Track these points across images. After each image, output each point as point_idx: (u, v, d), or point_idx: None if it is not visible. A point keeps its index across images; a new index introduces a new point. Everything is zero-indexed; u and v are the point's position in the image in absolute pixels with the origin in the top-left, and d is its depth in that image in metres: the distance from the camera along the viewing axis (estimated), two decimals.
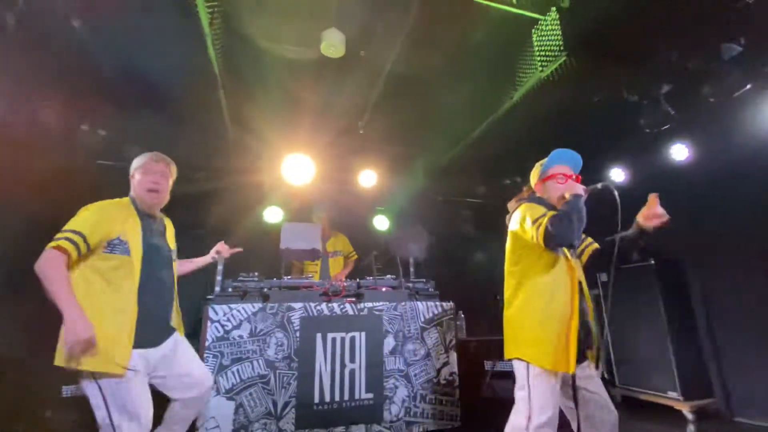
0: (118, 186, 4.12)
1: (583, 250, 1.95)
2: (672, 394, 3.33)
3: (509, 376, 5.36)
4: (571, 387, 1.70)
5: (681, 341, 3.46)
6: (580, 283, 1.72)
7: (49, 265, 1.58)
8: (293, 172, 4.23)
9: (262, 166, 4.52)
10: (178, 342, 1.91)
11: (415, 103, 3.64)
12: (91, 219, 1.71)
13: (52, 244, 1.62)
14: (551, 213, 1.69)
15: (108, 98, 3.39)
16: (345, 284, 2.99)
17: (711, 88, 2.92)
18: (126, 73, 3.07)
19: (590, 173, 4.67)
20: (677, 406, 3.28)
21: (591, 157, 4.29)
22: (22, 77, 3.02)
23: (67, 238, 1.62)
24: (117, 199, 1.88)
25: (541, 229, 1.64)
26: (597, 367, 1.72)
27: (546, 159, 1.93)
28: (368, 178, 4.77)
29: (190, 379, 1.88)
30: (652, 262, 3.66)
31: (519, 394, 1.71)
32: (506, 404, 2.05)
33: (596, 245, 1.94)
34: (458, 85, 3.36)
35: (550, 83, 2.81)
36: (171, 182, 2.03)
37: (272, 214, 4.82)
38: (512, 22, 2.69)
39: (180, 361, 1.88)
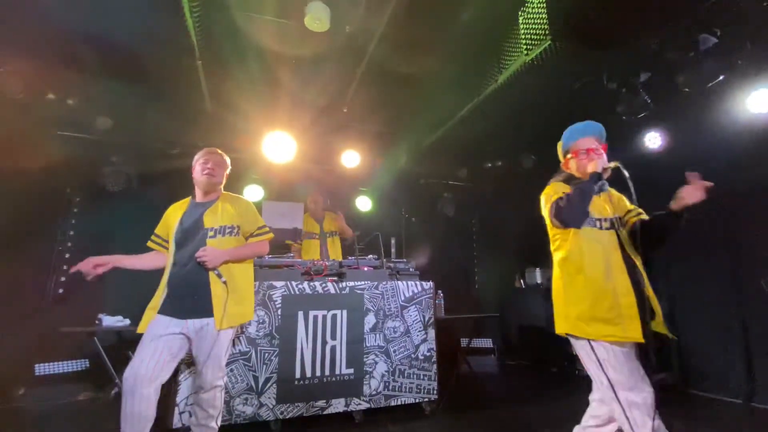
0: (81, 158, 3.99)
1: (627, 221, 1.78)
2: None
3: (483, 353, 5.58)
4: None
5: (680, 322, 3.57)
6: (625, 254, 1.66)
7: None
8: (274, 149, 4.15)
9: (241, 142, 4.40)
10: (207, 331, 1.87)
11: (400, 83, 3.60)
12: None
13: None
14: (559, 194, 1.69)
15: (76, 66, 3.20)
16: (327, 263, 3.01)
17: (686, 78, 3.01)
18: (97, 41, 2.90)
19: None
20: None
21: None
22: None
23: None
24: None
25: (551, 210, 1.68)
26: (668, 337, 1.64)
27: (563, 138, 1.89)
28: (351, 158, 4.74)
29: (200, 377, 1.91)
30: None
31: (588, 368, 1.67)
32: (480, 378, 2.16)
33: (640, 217, 1.75)
34: (443, 66, 3.34)
35: (535, 67, 2.83)
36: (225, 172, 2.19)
37: (252, 193, 4.74)
38: (500, 3, 2.68)
39: (199, 351, 1.89)
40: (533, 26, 2.63)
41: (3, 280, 3.54)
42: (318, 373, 2.68)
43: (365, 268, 3.09)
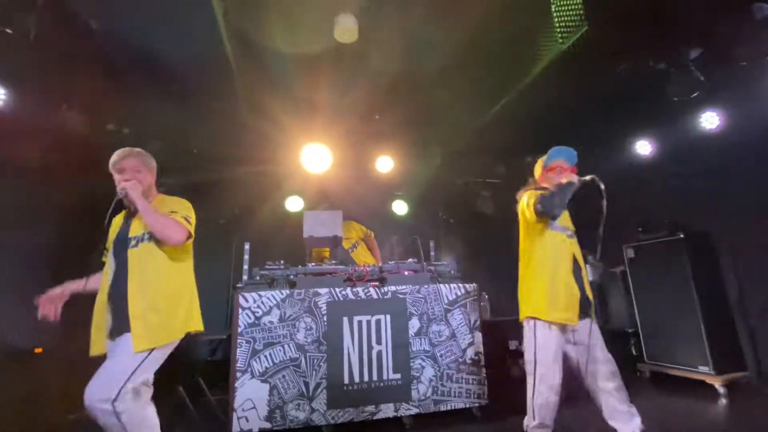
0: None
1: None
2: (703, 368, 3.28)
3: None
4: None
5: (712, 315, 3.38)
6: (574, 255, 2.18)
7: None
8: (311, 161, 4.27)
9: (281, 155, 4.57)
10: (111, 350, 1.72)
11: (431, 85, 3.58)
12: None
13: None
14: (541, 192, 2.16)
15: (128, 96, 3.48)
16: (368, 269, 3.04)
17: (742, 51, 2.75)
18: (145, 70, 3.14)
19: (614, 147, 4.55)
20: (709, 380, 3.23)
21: (615, 131, 4.22)
22: (48, 81, 3.13)
23: None
24: None
25: (532, 202, 2.13)
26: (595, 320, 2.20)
27: (546, 156, 2.39)
28: (385, 163, 4.77)
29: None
30: (681, 235, 3.56)
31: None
32: (523, 378, 2.12)
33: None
34: (475, 64, 3.28)
35: (571, 55, 2.71)
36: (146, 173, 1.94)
37: (293, 203, 4.89)
38: None
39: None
40: (567, 13, 2.52)
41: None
42: (366, 378, 2.70)
43: (406, 272, 3.09)
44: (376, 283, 2.96)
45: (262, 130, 4.19)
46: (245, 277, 2.99)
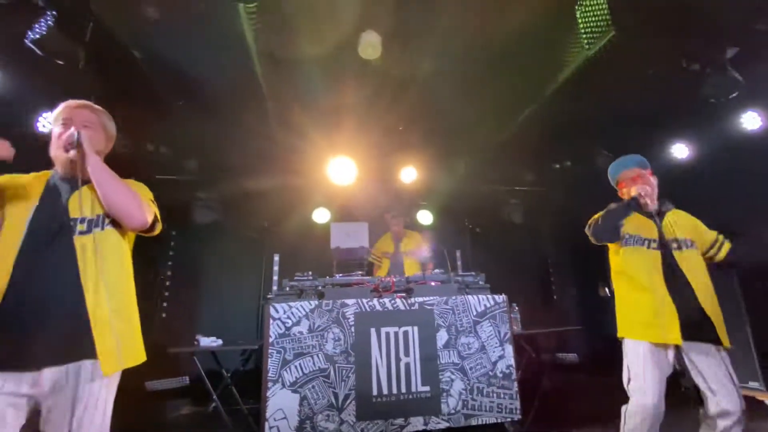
0: (174, 197, 4.56)
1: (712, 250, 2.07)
2: (753, 384, 3.08)
3: (569, 369, 5.20)
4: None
5: (763, 327, 3.17)
6: (672, 267, 1.91)
7: None
8: (337, 173, 4.37)
9: (307, 168, 4.70)
10: (74, 383, 1.16)
11: (456, 93, 3.60)
12: None
13: None
14: (598, 215, 2.07)
15: (166, 117, 3.69)
16: (394, 280, 3.04)
17: None
18: (181, 93, 3.33)
19: (650, 151, 4.38)
20: (760, 396, 3.03)
21: (650, 134, 4.07)
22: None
23: None
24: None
25: (590, 223, 2.08)
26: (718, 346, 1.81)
27: (609, 173, 2.27)
28: (409, 174, 4.80)
29: None
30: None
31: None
32: (566, 396, 2.03)
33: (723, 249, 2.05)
34: (500, 72, 3.28)
35: (599, 60, 2.66)
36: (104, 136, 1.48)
37: (320, 215, 4.99)
38: (552, 1, 2.59)
39: (59, 422, 1.13)
40: (593, 19, 2.48)
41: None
42: (394, 391, 2.69)
43: (433, 283, 3.07)
44: (403, 294, 2.96)
45: (289, 145, 4.33)
46: (275, 288, 3.07)
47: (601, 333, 4.79)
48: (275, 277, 3.22)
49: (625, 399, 1.97)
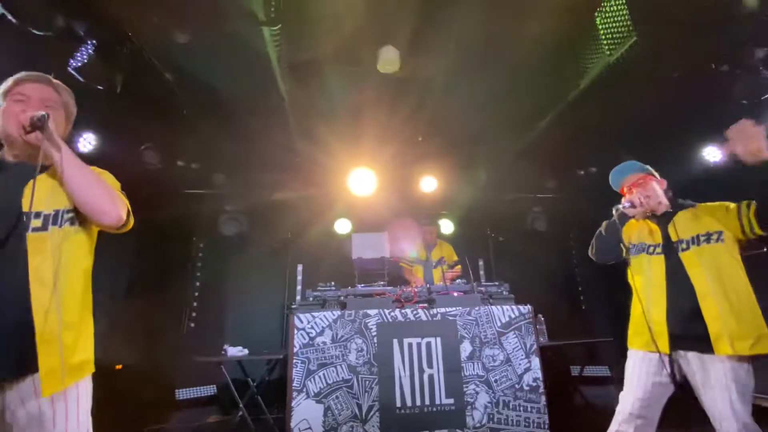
0: (203, 210, 4.74)
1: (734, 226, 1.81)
2: None
3: (600, 382, 5.00)
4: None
5: None
6: (674, 271, 1.78)
7: None
8: (358, 184, 4.43)
9: (329, 180, 4.79)
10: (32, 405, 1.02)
11: (476, 102, 3.60)
12: None
13: None
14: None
15: (196, 135, 3.87)
16: (416, 290, 3.04)
17: None
18: (210, 112, 3.49)
19: (681, 154, 4.21)
20: None
21: (679, 138, 3.92)
22: (128, 127, 3.58)
23: None
24: None
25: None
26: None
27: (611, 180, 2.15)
28: (429, 183, 4.80)
29: None
30: (766, 249, 3.18)
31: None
32: (598, 411, 1.95)
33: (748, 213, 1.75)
34: (520, 80, 3.27)
35: (622, 65, 2.61)
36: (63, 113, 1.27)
37: (342, 226, 5.06)
38: (571, 9, 2.57)
39: None
40: (613, 24, 2.45)
41: (147, 315, 4.27)
42: (418, 403, 2.66)
43: (455, 294, 3.05)
44: (425, 305, 2.95)
45: (311, 157, 4.43)
46: (298, 298, 3.12)
47: None
48: (299, 287, 3.28)
49: (674, 417, 1.87)
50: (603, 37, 2.50)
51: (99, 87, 2.67)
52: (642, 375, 1.81)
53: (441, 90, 3.38)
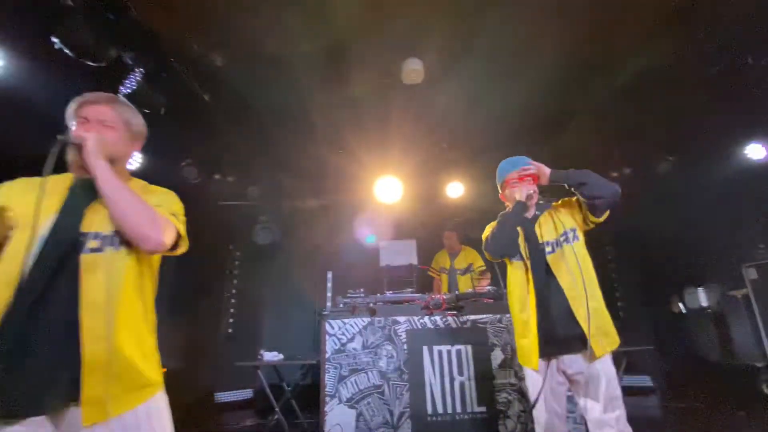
0: (239, 220, 4.97)
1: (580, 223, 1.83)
2: None
3: (640, 393, 4.78)
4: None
5: None
6: (542, 275, 1.73)
7: None
8: (384, 192, 4.51)
9: (356, 188, 4.89)
10: None
11: (501, 101, 3.58)
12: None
13: None
14: (492, 227, 1.86)
15: (231, 150, 4.09)
16: (445, 297, 3.05)
17: None
18: (244, 127, 3.68)
19: (721, 152, 4.02)
20: None
21: (720, 135, 3.75)
22: (171, 144, 3.83)
23: None
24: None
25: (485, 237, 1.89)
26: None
27: (497, 175, 2.02)
28: (455, 189, 4.81)
29: None
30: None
31: None
32: (640, 424, 1.87)
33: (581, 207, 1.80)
34: (549, 83, 3.24)
35: (656, 61, 2.54)
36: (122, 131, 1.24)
37: (369, 233, 5.14)
38: (592, 15, 2.54)
39: None
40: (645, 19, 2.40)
41: (188, 321, 4.50)
42: (449, 410, 2.67)
43: (485, 301, 3.04)
44: (454, 312, 2.95)
45: (340, 167, 4.56)
46: (329, 305, 3.20)
47: (675, 353, 4.39)
48: (329, 294, 3.36)
49: (705, 426, 1.79)
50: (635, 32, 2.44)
51: (146, 110, 2.90)
52: (541, 385, 1.69)
53: (466, 97, 3.41)
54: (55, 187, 1.12)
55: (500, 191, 2.02)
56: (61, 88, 2.78)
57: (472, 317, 2.88)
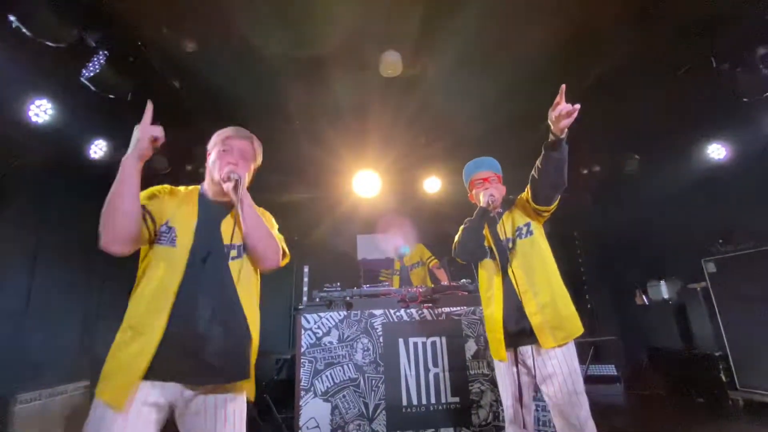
0: None
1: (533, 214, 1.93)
2: None
3: (606, 381, 5.00)
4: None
5: None
6: (505, 271, 1.81)
7: None
8: (362, 186, 4.49)
9: (334, 182, 4.85)
10: (214, 408, 1.20)
11: (475, 99, 3.63)
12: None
13: None
14: (459, 232, 1.94)
15: (204, 140, 3.95)
16: (421, 290, 3.08)
17: None
18: (217, 117, 3.55)
19: (685, 152, 4.22)
20: None
21: (683, 136, 3.93)
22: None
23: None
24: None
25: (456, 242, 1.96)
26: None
27: (463, 174, 2.09)
28: (432, 184, 4.84)
29: None
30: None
31: None
32: (605, 411, 1.95)
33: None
34: (523, 82, 3.29)
35: (625, 62, 2.63)
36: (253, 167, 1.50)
37: (347, 227, 5.11)
38: (571, 11, 2.60)
39: None
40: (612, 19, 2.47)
41: None
42: (424, 401, 2.70)
43: (460, 293, 3.08)
44: (429, 305, 2.98)
45: (317, 160, 4.50)
46: (305, 299, 3.17)
47: (639, 343, 4.60)
48: (305, 288, 3.33)
49: (667, 413, 1.89)
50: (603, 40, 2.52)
51: (110, 96, 2.75)
52: (510, 385, 1.80)
53: (443, 92, 3.42)
54: (189, 198, 1.39)
55: (468, 192, 2.06)
56: (18, 70, 2.62)
57: (447, 309, 2.92)
